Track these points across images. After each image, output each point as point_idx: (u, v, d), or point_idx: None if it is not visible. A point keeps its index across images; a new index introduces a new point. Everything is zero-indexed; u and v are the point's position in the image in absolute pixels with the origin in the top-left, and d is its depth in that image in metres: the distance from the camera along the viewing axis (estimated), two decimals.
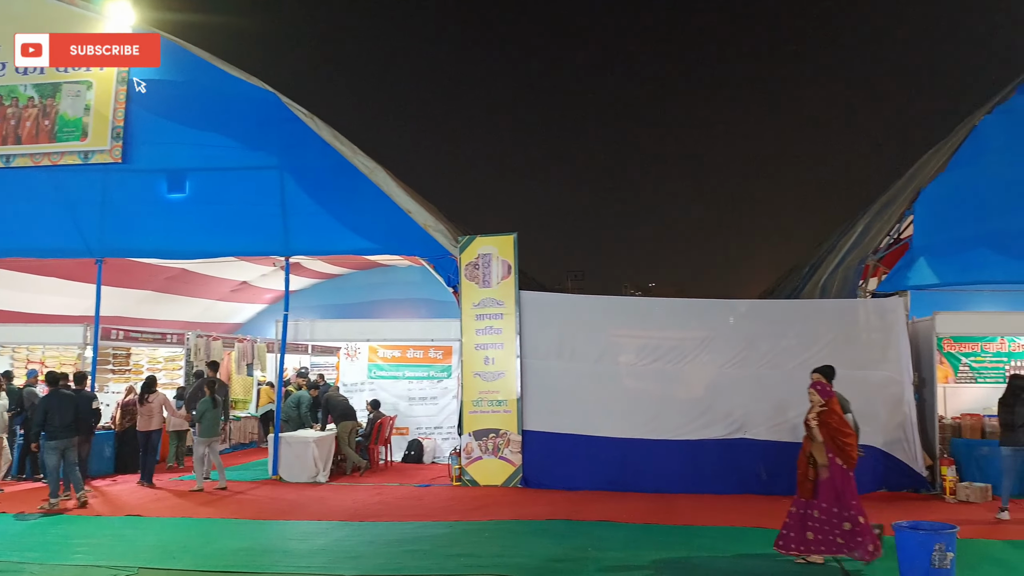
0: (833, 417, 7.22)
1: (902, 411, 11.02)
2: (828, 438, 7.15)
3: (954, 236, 11.29)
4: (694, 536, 8.48)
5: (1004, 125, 11.33)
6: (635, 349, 11.72)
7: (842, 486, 7.11)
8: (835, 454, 7.13)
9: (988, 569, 7.14)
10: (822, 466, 7.16)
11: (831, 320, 11.53)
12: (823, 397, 7.35)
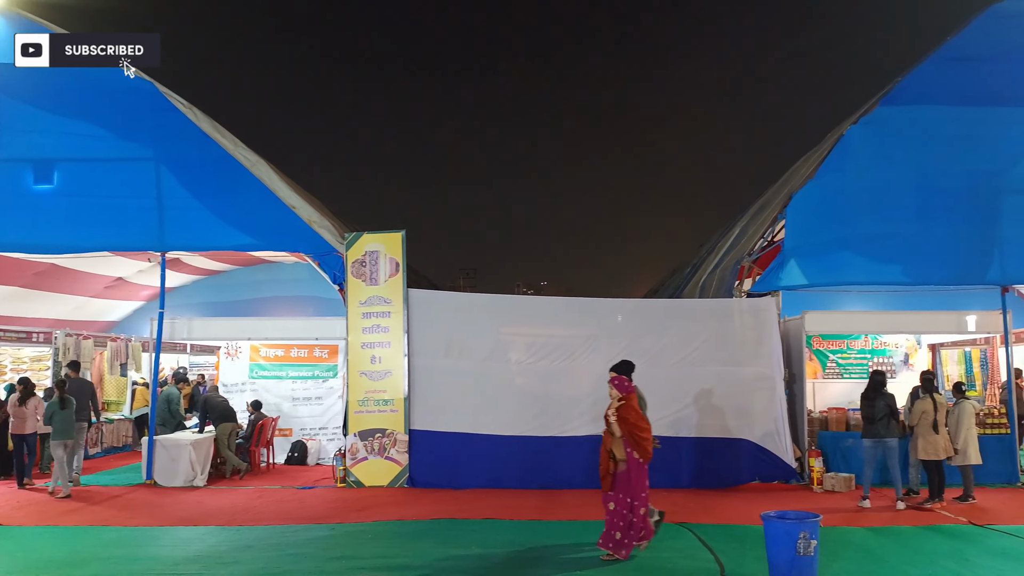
0: (631, 412, 7.41)
1: (774, 405, 11.54)
2: (626, 433, 7.34)
3: (822, 239, 11.90)
4: (582, 531, 8.61)
5: (868, 135, 11.99)
6: (525, 347, 11.82)
7: (636, 479, 7.35)
8: (632, 448, 7.34)
9: (849, 554, 7.55)
10: (620, 460, 7.35)
11: (709, 318, 11.95)
12: (621, 392, 7.52)
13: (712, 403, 11.62)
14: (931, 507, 9.73)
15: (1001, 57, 11.90)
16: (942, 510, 9.60)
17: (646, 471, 7.48)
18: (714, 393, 11.63)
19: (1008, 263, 11.70)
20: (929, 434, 9.88)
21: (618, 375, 7.80)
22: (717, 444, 11.53)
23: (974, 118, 11.86)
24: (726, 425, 11.53)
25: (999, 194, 11.79)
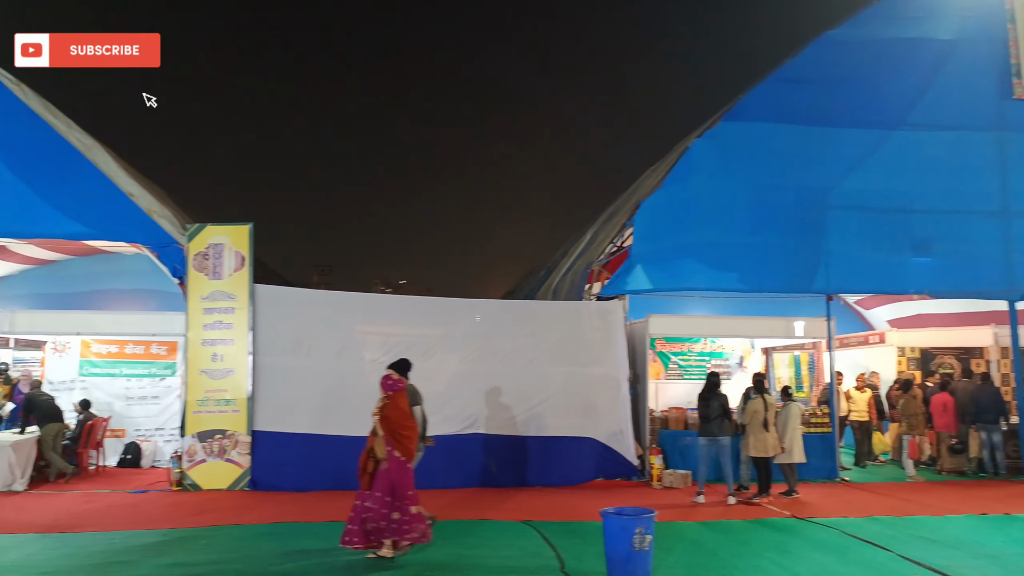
0: (395, 411, 7.39)
1: (619, 405, 11.93)
2: (388, 431, 7.27)
3: (666, 246, 12.40)
4: None
5: (711, 149, 12.61)
6: (380, 346, 11.64)
7: (398, 478, 7.26)
8: (394, 447, 7.26)
9: (682, 548, 7.88)
10: (381, 459, 7.27)
11: (559, 320, 12.22)
12: (385, 391, 7.46)
13: (560, 403, 11.87)
14: (759, 502, 10.32)
15: (832, 81, 12.81)
16: (769, 504, 10.21)
17: (410, 470, 7.40)
18: (562, 393, 11.88)
19: (833, 274, 12.57)
20: (760, 432, 10.49)
21: (389, 373, 7.69)
22: (564, 443, 11.78)
23: (806, 137, 12.69)
24: (573, 424, 11.81)
25: (826, 209, 12.65)
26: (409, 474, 7.38)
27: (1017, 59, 13.00)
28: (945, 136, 12.82)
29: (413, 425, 7.59)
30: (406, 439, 7.33)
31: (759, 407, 10.52)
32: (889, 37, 12.88)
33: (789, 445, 10.73)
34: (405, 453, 7.31)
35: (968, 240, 12.72)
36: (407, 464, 7.35)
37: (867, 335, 16.20)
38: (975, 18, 13.09)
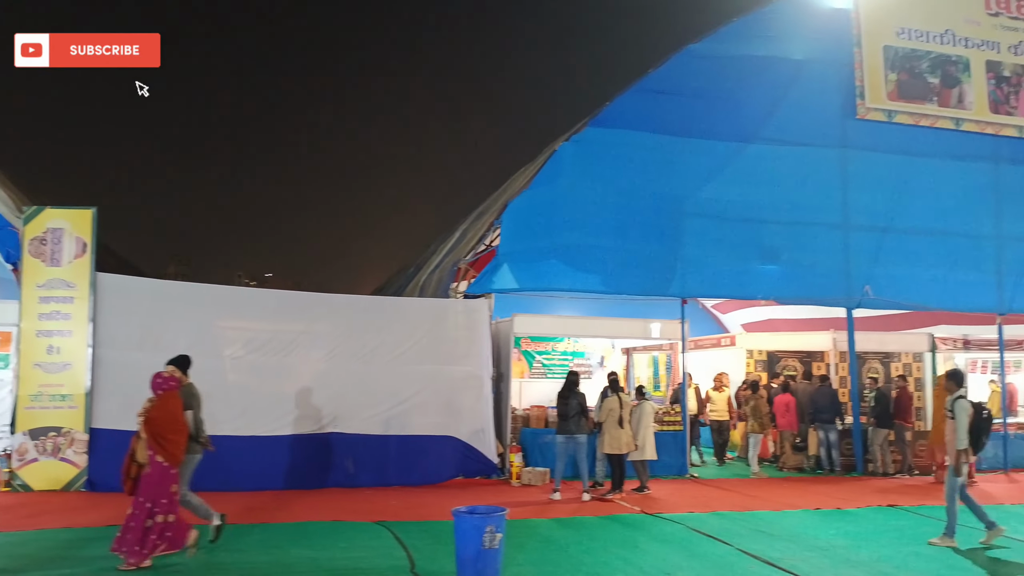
0: (161, 413, 6.93)
1: (481, 404, 11.96)
2: (151, 435, 6.79)
3: (532, 247, 12.53)
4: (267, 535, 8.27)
5: (578, 153, 12.84)
6: (238, 341, 11.21)
7: (159, 482, 6.83)
8: (156, 451, 6.79)
9: (534, 545, 7.96)
10: (143, 464, 6.82)
11: (425, 318, 12.13)
12: (153, 390, 7.00)
13: (424, 401, 11.79)
14: (612, 498, 10.58)
15: (693, 93, 13.30)
16: (621, 501, 10.48)
17: (173, 476, 6.94)
18: (426, 391, 11.81)
19: (688, 278, 13.07)
20: (615, 430, 10.76)
21: (162, 371, 7.23)
22: (426, 442, 11.70)
23: (667, 146, 13.13)
24: (435, 423, 11.75)
25: (684, 217, 13.13)
26: (172, 479, 6.90)
27: (861, 81, 13.93)
28: (794, 151, 13.58)
29: (181, 428, 7.05)
30: (171, 443, 6.82)
31: (615, 405, 10.79)
32: (746, 54, 13.52)
33: (642, 442, 11.06)
34: (169, 459, 6.82)
35: (812, 250, 13.53)
36: (171, 470, 6.87)
37: (720, 337, 16.95)
38: (824, 41, 13.93)
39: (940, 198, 14.20)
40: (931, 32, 14.41)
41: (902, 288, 13.84)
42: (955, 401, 8.32)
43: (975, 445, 8.25)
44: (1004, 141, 14.55)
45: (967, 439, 8.10)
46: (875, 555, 7.81)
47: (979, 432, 8.22)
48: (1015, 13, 14.94)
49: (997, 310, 14.27)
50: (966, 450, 8.13)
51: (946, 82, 14.35)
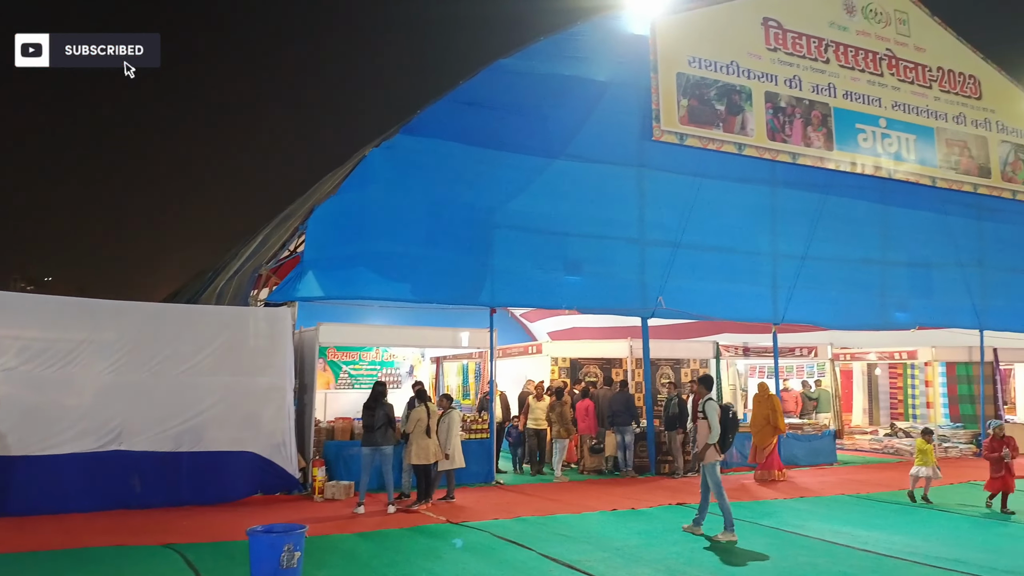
0: None
1: (282, 417, 11.50)
2: None
3: (340, 254, 12.25)
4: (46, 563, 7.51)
5: (388, 160, 12.73)
6: (10, 351, 10.13)
7: None
8: None
9: (335, 561, 7.75)
10: None
11: (222, 326, 11.51)
12: None
13: (220, 415, 11.19)
14: (418, 509, 10.52)
15: (502, 107, 13.58)
16: (427, 511, 10.44)
17: None
18: (222, 404, 11.21)
19: (497, 288, 13.28)
20: (422, 440, 10.70)
21: None
22: (221, 457, 11.10)
23: (478, 157, 13.31)
24: (232, 438, 11.17)
25: (493, 227, 13.34)
26: None
27: (657, 105, 14.80)
28: (597, 168, 14.19)
29: None
30: None
31: (422, 415, 10.74)
32: (553, 72, 14.00)
33: (452, 452, 11.09)
34: None
35: (612, 263, 14.19)
36: None
37: (527, 345, 17.38)
38: (626, 65, 14.70)
39: (725, 217, 15.37)
40: (719, 62, 15.58)
41: (691, 299, 14.82)
42: (705, 402, 9.32)
43: (722, 443, 9.13)
44: (780, 166, 15.98)
45: (718, 434, 9.06)
46: (666, 552, 8.27)
47: (726, 430, 9.15)
48: (791, 50, 16.47)
49: (772, 320, 15.60)
50: (716, 445, 9.06)
51: (731, 110, 15.56)
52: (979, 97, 19.04)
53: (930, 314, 17.50)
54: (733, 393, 19.85)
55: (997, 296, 18.28)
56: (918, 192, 17.66)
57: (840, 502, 11.57)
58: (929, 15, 18.56)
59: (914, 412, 19.99)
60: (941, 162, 18.06)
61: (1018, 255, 18.79)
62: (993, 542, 8.84)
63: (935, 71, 18.42)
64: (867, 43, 17.51)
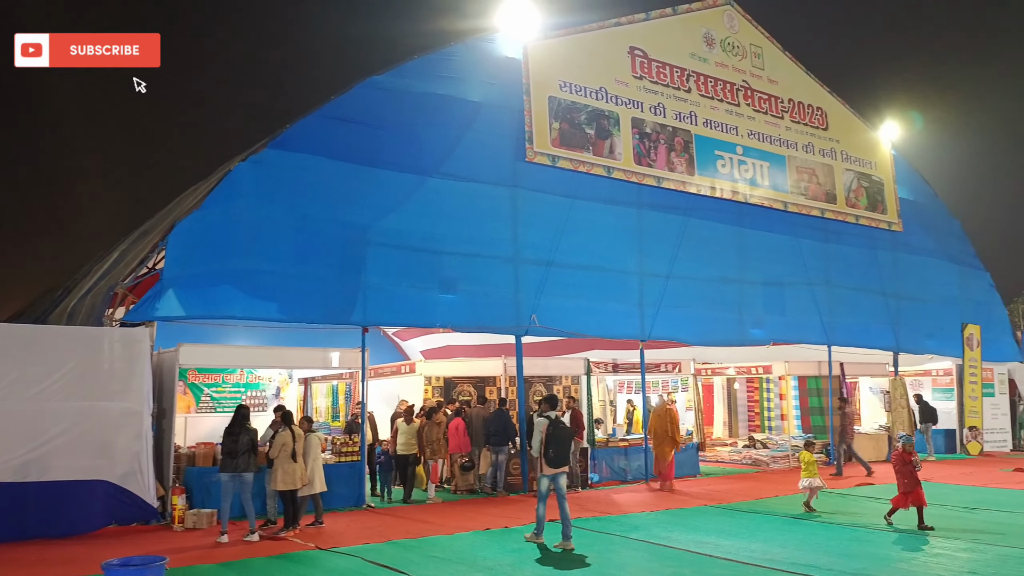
0: None
1: (139, 443, 10.89)
2: None
3: (203, 271, 11.74)
4: None
5: (256, 175, 12.34)
6: None
7: None
8: None
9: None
10: None
11: (74, 348, 10.82)
12: None
13: (70, 442, 10.50)
14: (285, 535, 10.17)
15: (376, 123, 13.45)
16: (294, 537, 10.11)
17: None
18: (74, 431, 10.54)
19: (369, 307, 13.05)
20: (288, 464, 10.37)
21: None
22: (71, 487, 10.40)
23: (351, 174, 13.10)
24: (84, 466, 10.50)
25: (366, 245, 13.13)
26: None
27: (530, 127, 15.06)
28: (471, 187, 14.27)
29: None
30: None
31: (287, 439, 10.41)
32: (427, 91, 14.03)
33: (311, 476, 10.74)
34: None
35: (486, 281, 14.27)
36: None
37: (400, 365, 17.20)
38: (499, 86, 14.90)
39: (595, 237, 15.77)
40: (588, 88, 16.03)
41: (563, 317, 15.09)
42: (536, 418, 9.91)
43: (546, 457, 9.58)
44: (646, 189, 16.57)
45: (539, 448, 9.64)
46: (539, 570, 8.33)
47: (548, 444, 9.59)
48: (655, 78, 17.17)
49: (640, 337, 16.10)
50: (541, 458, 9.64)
51: (600, 134, 16.04)
52: (826, 128, 20.44)
53: (783, 331, 18.53)
54: (603, 408, 20.36)
55: (842, 313, 19.59)
56: (771, 216, 18.73)
57: (703, 513, 12.02)
58: (781, 50, 19.81)
59: (770, 424, 21.14)
60: (792, 188, 19.24)
61: (860, 275, 20.23)
62: (844, 547, 9.39)
63: (786, 102, 19.65)
64: (725, 74, 18.50)
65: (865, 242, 20.60)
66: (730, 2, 19.00)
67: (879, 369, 20.93)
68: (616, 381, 21.89)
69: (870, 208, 20.91)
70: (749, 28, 19.27)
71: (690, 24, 18.16)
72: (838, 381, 19.16)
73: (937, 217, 23.06)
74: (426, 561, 8.74)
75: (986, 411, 21.75)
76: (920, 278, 21.58)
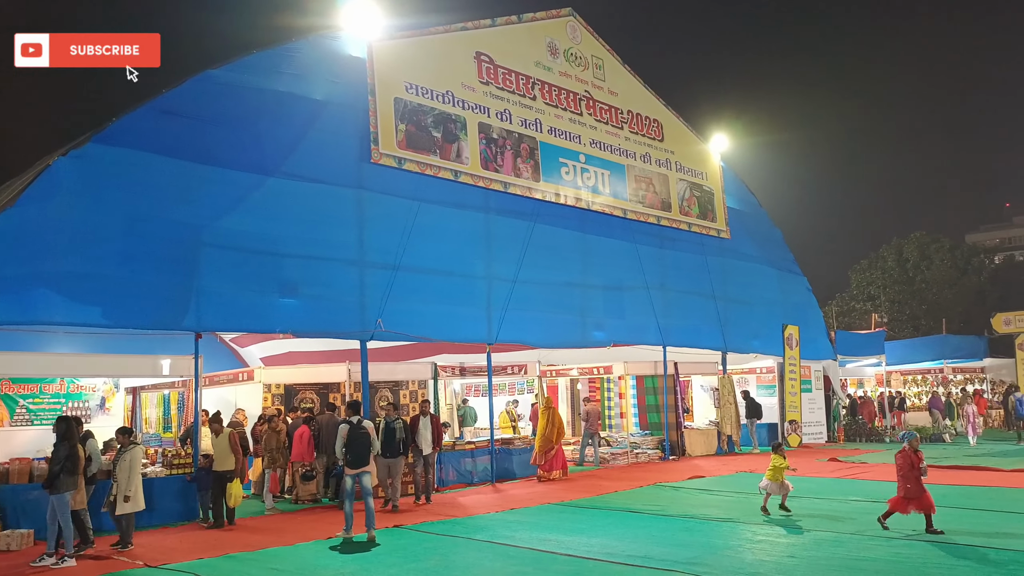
0: None
1: None
2: None
3: (16, 273, 10.79)
4: None
5: (78, 171, 11.48)
6: None
7: None
8: None
9: None
10: None
11: None
12: None
13: None
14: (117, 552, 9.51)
15: (212, 119, 12.86)
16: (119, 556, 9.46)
17: None
18: None
19: (204, 311, 12.44)
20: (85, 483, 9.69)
21: None
22: None
23: (182, 171, 12.44)
24: None
25: (200, 247, 12.51)
26: None
27: (375, 128, 14.86)
28: (314, 188, 13.91)
29: None
30: None
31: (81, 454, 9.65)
32: (267, 87, 13.57)
33: (134, 492, 9.98)
34: None
35: (330, 285, 13.95)
36: None
37: (238, 372, 16.53)
38: (344, 85, 14.63)
39: (443, 241, 15.78)
40: (435, 91, 16.04)
41: (410, 321, 14.98)
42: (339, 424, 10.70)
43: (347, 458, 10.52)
44: (493, 194, 16.77)
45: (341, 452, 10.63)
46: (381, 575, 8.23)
47: (349, 447, 10.50)
48: (501, 84, 17.42)
49: (487, 340, 16.26)
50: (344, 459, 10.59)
51: (447, 137, 16.08)
52: (661, 139, 21.45)
53: (623, 332, 19.25)
54: (451, 412, 20.39)
55: (676, 316, 20.60)
56: (612, 222, 19.44)
57: (547, 511, 12.28)
58: (621, 63, 20.61)
59: (610, 422, 21.86)
60: (631, 196, 20.04)
61: (692, 280, 21.36)
62: (677, 537, 9.86)
63: (625, 113, 20.46)
64: (568, 84, 19.04)
65: (697, 248, 21.77)
66: (572, 13, 19.58)
67: (709, 368, 22.18)
68: (463, 384, 22.00)
69: (701, 216, 22.12)
70: (591, 40, 19.93)
71: (535, 32, 18.57)
72: (672, 380, 20.11)
73: (761, 225, 24.71)
74: (265, 574, 8.45)
75: (804, 406, 23.51)
76: (746, 282, 23.05)
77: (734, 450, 21.07)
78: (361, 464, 10.63)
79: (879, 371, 30.12)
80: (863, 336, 30.41)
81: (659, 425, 20.22)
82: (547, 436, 15.94)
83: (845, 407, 26.18)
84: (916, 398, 30.92)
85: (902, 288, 46.00)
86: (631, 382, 21.34)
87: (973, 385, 30.98)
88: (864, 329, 34.96)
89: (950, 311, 39.97)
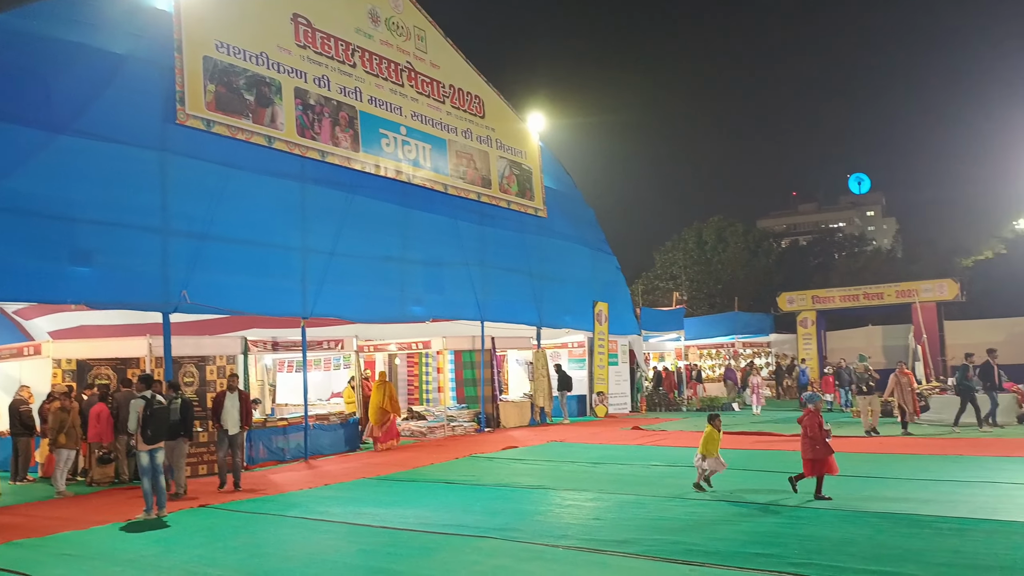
0: None
1: None
2: None
3: None
4: None
5: None
6: None
7: None
8: None
9: None
10: None
11: None
12: None
13: None
14: None
15: None
16: None
17: None
18: None
19: None
20: None
21: None
22: None
23: None
24: None
25: None
26: None
27: (182, 87, 13.96)
28: (111, 148, 12.88)
29: None
30: None
31: None
32: (58, 37, 12.41)
33: None
34: None
35: (129, 253, 13.02)
36: None
37: (22, 347, 15.10)
38: (147, 40, 13.62)
39: (255, 210, 15.14)
40: (248, 52, 15.28)
41: (219, 294, 14.29)
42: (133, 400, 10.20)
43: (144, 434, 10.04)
44: (309, 163, 16.25)
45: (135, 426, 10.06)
46: (187, 556, 7.87)
47: (146, 423, 10.05)
48: (320, 49, 16.87)
49: (302, 314, 15.81)
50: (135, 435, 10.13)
51: (260, 101, 15.38)
52: (483, 116, 21.63)
53: (442, 308, 19.38)
54: (261, 388, 19.71)
55: (494, 292, 20.98)
56: (433, 197, 19.43)
57: (362, 485, 12.19)
58: (443, 36, 20.55)
59: (428, 396, 22.01)
60: (452, 171, 20.11)
61: (510, 257, 21.81)
62: (490, 505, 10.10)
63: (447, 87, 20.45)
64: (390, 53, 18.75)
65: (515, 226, 22.23)
66: None
67: (524, 343, 22.83)
68: (276, 360, 21.31)
69: (520, 195, 22.59)
70: (413, 10, 19.71)
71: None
72: (490, 355, 20.50)
73: (576, 206, 25.61)
74: (54, 560, 7.84)
75: (611, 378, 24.76)
76: (560, 260, 23.84)
77: (546, 421, 21.84)
78: (157, 440, 10.24)
79: (678, 345, 32.21)
80: (665, 313, 32.43)
81: (476, 399, 20.58)
82: (384, 408, 16.53)
83: (649, 380, 27.80)
84: (711, 370, 33.31)
85: (700, 268, 49.33)
86: (449, 357, 21.55)
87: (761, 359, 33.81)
88: (666, 306, 37.27)
89: (742, 290, 43.29)
